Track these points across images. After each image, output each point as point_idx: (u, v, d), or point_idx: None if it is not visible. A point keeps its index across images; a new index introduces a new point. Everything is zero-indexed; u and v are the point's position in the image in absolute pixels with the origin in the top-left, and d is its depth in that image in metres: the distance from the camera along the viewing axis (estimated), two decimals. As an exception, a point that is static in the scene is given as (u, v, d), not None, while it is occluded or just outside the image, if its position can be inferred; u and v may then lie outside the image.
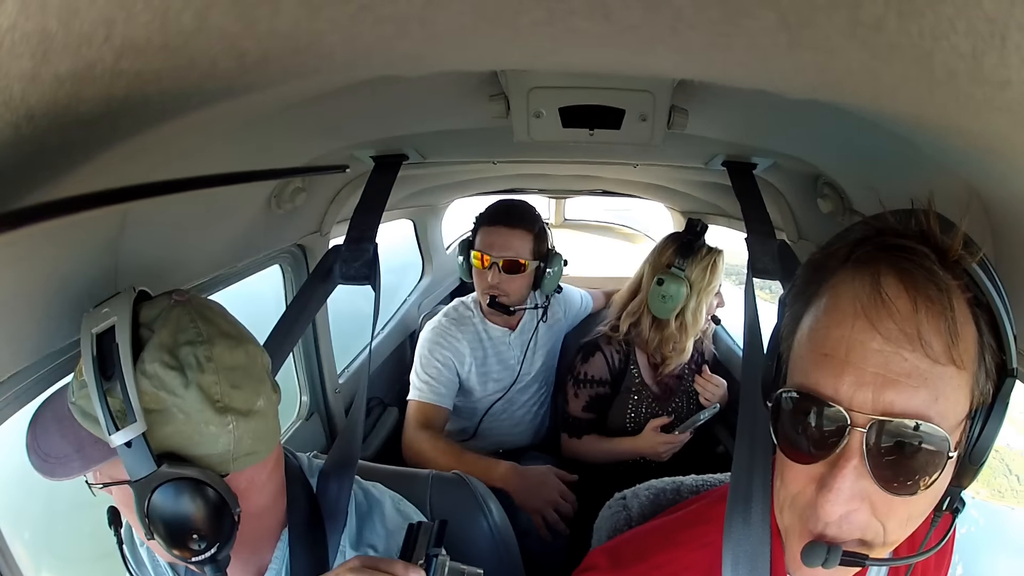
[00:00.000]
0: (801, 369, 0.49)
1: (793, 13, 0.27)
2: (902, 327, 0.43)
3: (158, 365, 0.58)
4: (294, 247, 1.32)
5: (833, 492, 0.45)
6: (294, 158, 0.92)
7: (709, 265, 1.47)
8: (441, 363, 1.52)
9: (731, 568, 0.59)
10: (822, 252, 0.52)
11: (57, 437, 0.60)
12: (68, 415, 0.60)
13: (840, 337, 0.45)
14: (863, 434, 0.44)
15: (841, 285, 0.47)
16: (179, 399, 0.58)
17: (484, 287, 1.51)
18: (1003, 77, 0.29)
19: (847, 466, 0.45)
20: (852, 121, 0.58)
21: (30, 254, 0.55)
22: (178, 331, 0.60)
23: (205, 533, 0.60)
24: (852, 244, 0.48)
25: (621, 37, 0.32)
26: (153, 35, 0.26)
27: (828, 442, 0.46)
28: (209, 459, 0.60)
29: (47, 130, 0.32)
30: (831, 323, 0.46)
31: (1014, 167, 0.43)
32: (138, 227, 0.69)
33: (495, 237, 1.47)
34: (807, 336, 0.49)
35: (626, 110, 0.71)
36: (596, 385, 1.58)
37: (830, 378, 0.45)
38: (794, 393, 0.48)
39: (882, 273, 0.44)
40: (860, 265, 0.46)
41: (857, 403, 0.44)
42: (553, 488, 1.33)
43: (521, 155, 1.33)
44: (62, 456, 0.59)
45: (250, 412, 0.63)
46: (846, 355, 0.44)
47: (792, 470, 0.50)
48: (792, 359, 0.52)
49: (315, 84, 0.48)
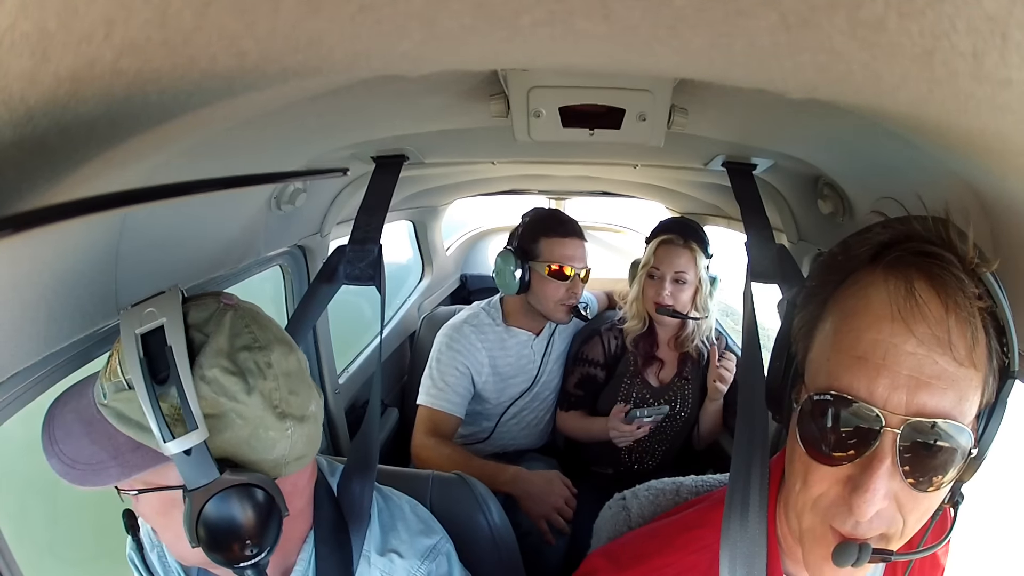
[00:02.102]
0: (829, 371, 0.49)
1: (793, 13, 0.27)
2: (935, 331, 0.45)
3: (218, 371, 0.56)
4: (294, 248, 1.32)
5: (870, 492, 0.46)
6: (294, 158, 0.92)
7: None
8: (460, 371, 1.52)
9: (728, 571, 0.59)
10: (840, 252, 0.53)
11: (86, 442, 0.57)
12: (98, 418, 0.58)
13: (875, 340, 0.46)
14: (896, 435, 0.45)
15: (871, 288, 0.48)
16: (240, 405, 0.58)
17: (564, 297, 1.52)
18: (1004, 76, 0.29)
19: (881, 466, 0.46)
20: (852, 121, 0.58)
21: (30, 255, 0.55)
22: (234, 336, 0.59)
23: (257, 538, 0.59)
24: (878, 246, 0.49)
25: (621, 37, 0.32)
26: (153, 34, 0.26)
27: (861, 443, 0.46)
28: (263, 464, 0.60)
29: (47, 130, 0.32)
30: (863, 326, 0.47)
31: (1014, 167, 0.43)
32: (138, 228, 0.69)
33: (575, 249, 1.52)
34: (834, 338, 0.50)
35: (626, 110, 0.71)
36: (589, 365, 1.65)
37: (864, 380, 0.46)
38: (827, 396, 0.48)
39: (915, 278, 0.46)
40: (892, 268, 0.47)
41: (892, 405, 0.45)
42: (559, 495, 1.34)
43: (521, 155, 1.34)
44: (95, 463, 0.56)
45: (304, 417, 0.63)
46: (882, 358, 0.45)
47: (817, 472, 0.50)
48: (813, 360, 0.52)
49: (315, 84, 0.48)
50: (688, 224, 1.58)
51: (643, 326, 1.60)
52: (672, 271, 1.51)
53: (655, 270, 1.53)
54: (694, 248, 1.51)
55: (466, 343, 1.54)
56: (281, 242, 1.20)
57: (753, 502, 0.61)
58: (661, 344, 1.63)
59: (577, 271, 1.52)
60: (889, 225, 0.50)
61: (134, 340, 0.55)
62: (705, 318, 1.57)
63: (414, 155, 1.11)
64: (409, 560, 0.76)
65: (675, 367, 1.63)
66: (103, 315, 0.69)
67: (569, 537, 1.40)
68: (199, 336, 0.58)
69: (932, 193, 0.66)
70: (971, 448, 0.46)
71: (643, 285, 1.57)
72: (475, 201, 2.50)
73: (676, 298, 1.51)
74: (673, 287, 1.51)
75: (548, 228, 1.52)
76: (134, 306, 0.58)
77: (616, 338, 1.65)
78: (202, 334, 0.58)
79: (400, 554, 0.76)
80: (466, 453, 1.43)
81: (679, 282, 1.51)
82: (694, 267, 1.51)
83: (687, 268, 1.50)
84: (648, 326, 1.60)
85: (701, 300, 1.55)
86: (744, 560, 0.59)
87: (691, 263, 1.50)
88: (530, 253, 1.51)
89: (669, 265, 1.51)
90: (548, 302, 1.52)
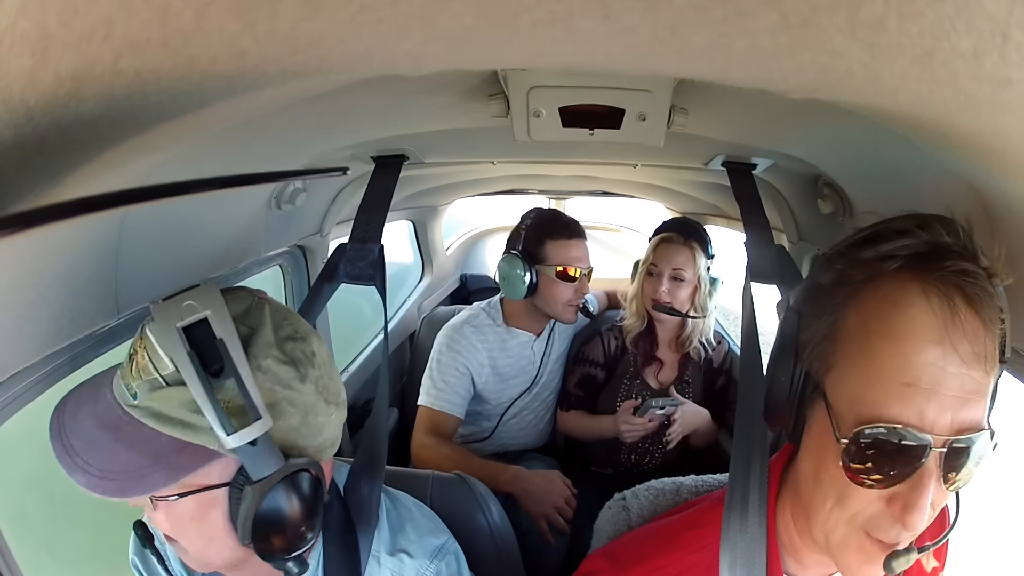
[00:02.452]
0: (875, 400, 0.47)
1: (793, 13, 0.27)
2: (974, 348, 0.45)
3: (272, 361, 0.57)
4: (294, 248, 1.32)
5: (921, 511, 0.46)
6: (294, 158, 0.92)
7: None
8: (460, 371, 1.52)
9: (728, 570, 0.59)
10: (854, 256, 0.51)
11: (119, 448, 0.54)
12: (127, 421, 0.55)
13: (924, 364, 0.45)
14: (942, 454, 0.46)
15: (913, 308, 0.46)
16: (294, 393, 0.59)
17: (573, 298, 1.53)
18: (1004, 76, 0.29)
19: (928, 484, 0.46)
20: (852, 121, 0.58)
21: (30, 255, 0.55)
22: (276, 327, 0.60)
23: (311, 525, 0.60)
24: (910, 258, 0.48)
25: (621, 37, 0.32)
26: (153, 34, 0.26)
27: (907, 464, 0.47)
28: (309, 450, 0.61)
29: (47, 130, 0.32)
30: (911, 350, 0.46)
31: (1014, 167, 0.43)
32: (138, 227, 0.69)
33: (581, 251, 1.53)
34: (876, 361, 0.48)
35: (626, 110, 0.71)
36: (589, 365, 1.65)
37: (914, 408, 0.46)
38: (880, 428, 0.47)
39: (955, 295, 0.46)
40: (932, 287, 0.46)
41: (939, 427, 0.46)
42: (559, 494, 1.34)
43: (521, 155, 1.34)
44: (133, 470, 0.53)
45: (340, 403, 0.65)
46: (931, 383, 0.45)
47: (856, 493, 0.50)
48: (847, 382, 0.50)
49: (315, 84, 0.48)
50: (689, 224, 1.58)
51: (642, 324, 1.60)
52: (670, 268, 1.51)
53: (654, 267, 1.54)
54: (694, 247, 1.51)
55: (466, 344, 1.54)
56: (281, 242, 1.20)
57: (753, 502, 0.61)
58: (661, 344, 1.62)
59: (583, 271, 1.53)
60: (907, 231, 0.48)
61: (176, 334, 0.53)
62: (703, 318, 1.56)
63: (414, 155, 1.11)
64: (419, 560, 0.76)
65: (676, 369, 1.62)
66: (103, 315, 0.69)
67: (569, 537, 1.40)
68: (243, 328, 0.58)
69: (932, 193, 0.66)
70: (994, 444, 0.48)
71: (642, 282, 1.57)
72: (476, 200, 2.50)
73: (674, 296, 1.51)
74: (671, 284, 1.51)
75: (553, 231, 1.52)
76: (165, 300, 0.56)
77: (616, 338, 1.65)
78: (245, 326, 0.58)
79: (410, 554, 0.76)
80: (466, 453, 1.43)
81: (677, 280, 1.51)
82: (693, 266, 1.51)
83: (685, 266, 1.50)
84: (647, 325, 1.60)
85: (700, 299, 1.54)
86: (744, 559, 0.59)
87: (690, 261, 1.50)
88: (536, 257, 1.50)
89: (667, 262, 1.51)
90: (557, 304, 1.52)
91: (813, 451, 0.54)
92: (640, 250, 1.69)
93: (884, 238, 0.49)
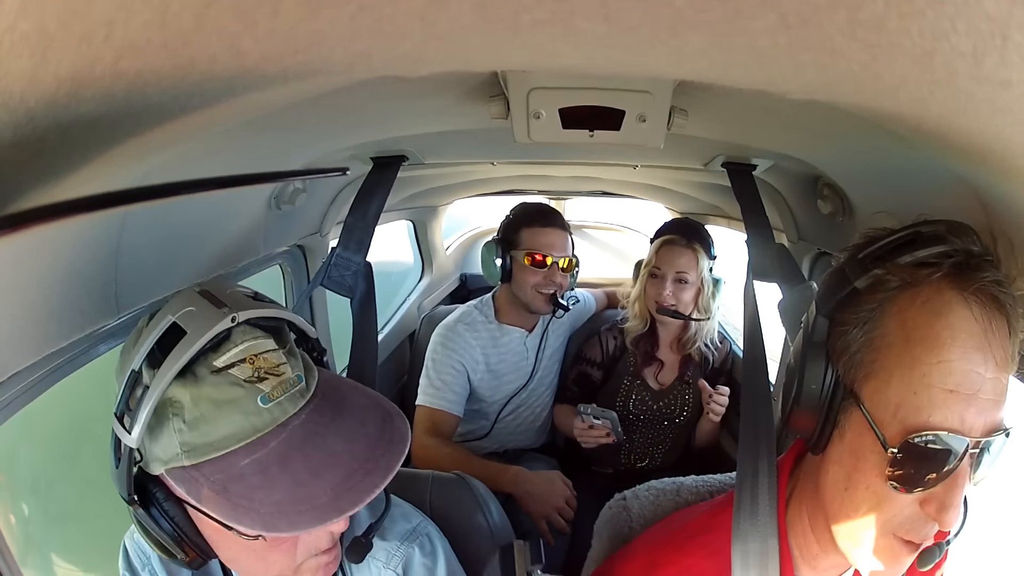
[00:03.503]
0: (919, 407, 0.48)
1: (793, 13, 0.27)
2: (1006, 354, 0.47)
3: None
4: (294, 248, 1.32)
5: (956, 509, 0.48)
6: (294, 158, 0.92)
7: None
8: (455, 369, 1.52)
9: (740, 570, 0.59)
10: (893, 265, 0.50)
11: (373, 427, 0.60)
12: (363, 404, 0.63)
13: (966, 371, 0.47)
14: (974, 455, 0.47)
15: (953, 315, 0.48)
16: None
17: (542, 284, 1.53)
18: (1004, 77, 0.29)
19: (961, 483, 0.48)
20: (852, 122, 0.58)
21: (31, 254, 0.55)
22: None
23: None
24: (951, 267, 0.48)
25: (621, 38, 0.32)
26: (153, 35, 0.26)
27: (943, 466, 0.48)
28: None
29: (47, 130, 0.32)
30: (953, 357, 0.47)
31: (1014, 167, 0.43)
32: (138, 227, 0.69)
33: (554, 238, 1.53)
34: (917, 369, 0.48)
35: (626, 111, 0.71)
36: (586, 364, 1.66)
37: (957, 414, 0.47)
38: (928, 436, 0.47)
39: (990, 304, 0.47)
40: (974, 296, 0.48)
41: (976, 430, 0.47)
42: (560, 494, 1.34)
43: (521, 156, 1.34)
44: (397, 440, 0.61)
45: None
46: (971, 389, 0.47)
47: (891, 499, 0.50)
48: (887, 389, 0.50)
49: (315, 84, 0.48)
50: (692, 225, 1.57)
51: (644, 326, 1.60)
52: (674, 271, 1.50)
53: (657, 270, 1.53)
54: (696, 249, 1.50)
55: (460, 341, 1.55)
56: (281, 242, 1.20)
57: (763, 503, 0.61)
58: (662, 345, 1.62)
59: (556, 259, 1.52)
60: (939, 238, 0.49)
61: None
62: (707, 319, 1.55)
63: (414, 156, 1.11)
64: (390, 542, 0.76)
65: (676, 370, 1.62)
66: (103, 315, 0.69)
67: (570, 537, 1.40)
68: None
69: (932, 193, 0.66)
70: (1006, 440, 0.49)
71: (645, 285, 1.57)
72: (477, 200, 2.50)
73: (678, 298, 1.51)
74: (675, 287, 1.50)
75: (530, 219, 1.55)
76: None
77: (615, 338, 1.65)
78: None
79: (381, 537, 0.76)
80: (466, 453, 1.43)
81: (681, 282, 1.50)
82: (696, 268, 1.50)
83: (689, 269, 1.50)
84: (650, 326, 1.60)
85: (703, 301, 1.53)
86: (757, 559, 0.59)
87: (693, 263, 1.50)
88: (512, 243, 1.55)
89: (670, 265, 1.51)
90: (527, 289, 1.54)
91: (845, 459, 0.53)
92: (640, 251, 1.69)
93: (919, 244, 0.50)
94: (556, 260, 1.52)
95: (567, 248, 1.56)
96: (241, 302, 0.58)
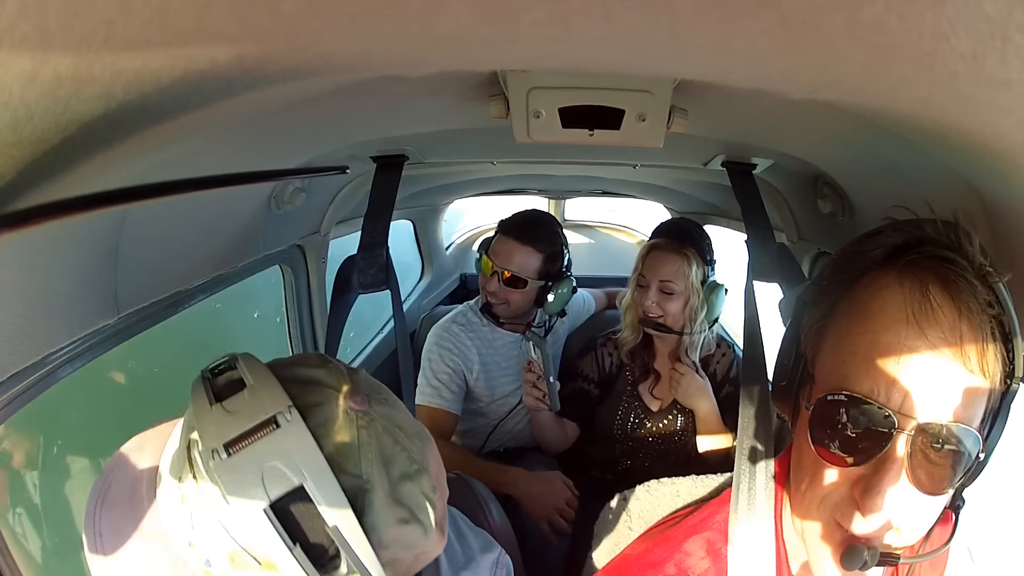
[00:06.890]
0: (844, 373, 0.49)
1: (793, 14, 0.27)
2: (947, 336, 0.45)
3: (395, 527, 0.46)
4: (294, 248, 1.32)
5: (881, 495, 0.46)
6: (294, 158, 0.92)
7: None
8: (452, 368, 1.53)
9: (738, 570, 0.59)
10: (853, 252, 0.53)
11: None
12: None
13: (890, 343, 0.46)
14: (909, 438, 0.46)
15: (887, 290, 0.48)
16: (417, 549, 0.49)
17: (486, 286, 1.55)
18: (1004, 78, 0.29)
19: (892, 468, 0.46)
20: (852, 121, 0.58)
21: (30, 254, 0.55)
22: (388, 462, 0.47)
23: None
24: (892, 248, 0.49)
25: (621, 37, 0.32)
26: (152, 35, 0.26)
27: (873, 445, 0.47)
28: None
29: (46, 130, 0.32)
30: (879, 328, 0.47)
31: (1014, 167, 0.43)
32: (138, 227, 0.69)
33: (502, 247, 1.51)
34: (847, 339, 0.50)
35: (626, 110, 0.71)
36: (580, 380, 1.58)
37: (881, 383, 0.46)
38: (841, 396, 0.48)
39: (930, 281, 0.46)
40: (907, 271, 0.47)
41: (905, 408, 0.46)
42: (560, 495, 1.34)
43: (521, 156, 1.34)
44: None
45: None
46: (898, 362, 0.46)
47: (824, 472, 0.50)
48: (825, 361, 0.52)
49: (315, 84, 0.48)
50: (684, 227, 1.44)
51: (638, 337, 1.49)
52: (657, 280, 1.37)
53: (642, 278, 1.41)
54: (687, 254, 1.36)
55: (456, 341, 1.56)
56: (281, 241, 1.20)
57: (760, 499, 0.61)
58: (660, 357, 1.52)
59: (496, 269, 1.50)
60: (900, 228, 0.50)
61: (264, 518, 0.40)
62: (692, 334, 1.41)
63: (414, 155, 1.12)
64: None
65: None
66: (103, 315, 0.69)
67: (570, 538, 1.40)
68: (348, 480, 0.44)
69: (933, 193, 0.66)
70: (979, 452, 0.47)
71: (633, 293, 1.45)
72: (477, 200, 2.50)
73: (664, 309, 1.38)
74: (660, 297, 1.38)
75: (503, 228, 1.57)
76: (226, 445, 0.42)
77: (611, 354, 1.55)
78: (351, 477, 0.45)
79: (469, 571, 0.74)
80: (467, 453, 1.43)
81: (666, 292, 1.37)
82: (684, 276, 1.36)
83: (675, 277, 1.36)
84: (644, 337, 1.50)
85: (689, 311, 1.39)
86: (754, 561, 0.59)
87: (680, 271, 1.36)
88: (487, 246, 1.58)
89: (654, 273, 1.38)
90: (482, 289, 1.58)
91: (800, 433, 0.55)
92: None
93: (878, 234, 0.51)
94: (497, 270, 1.50)
95: (517, 263, 1.48)
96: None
